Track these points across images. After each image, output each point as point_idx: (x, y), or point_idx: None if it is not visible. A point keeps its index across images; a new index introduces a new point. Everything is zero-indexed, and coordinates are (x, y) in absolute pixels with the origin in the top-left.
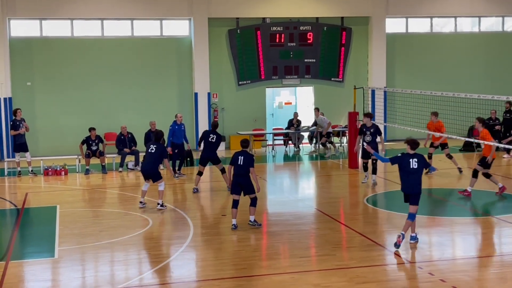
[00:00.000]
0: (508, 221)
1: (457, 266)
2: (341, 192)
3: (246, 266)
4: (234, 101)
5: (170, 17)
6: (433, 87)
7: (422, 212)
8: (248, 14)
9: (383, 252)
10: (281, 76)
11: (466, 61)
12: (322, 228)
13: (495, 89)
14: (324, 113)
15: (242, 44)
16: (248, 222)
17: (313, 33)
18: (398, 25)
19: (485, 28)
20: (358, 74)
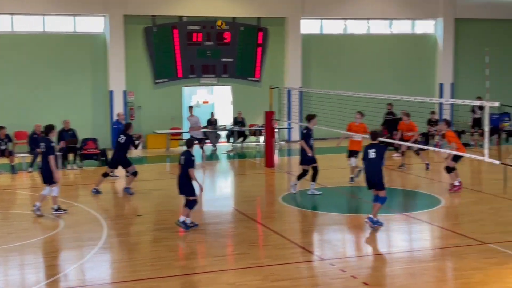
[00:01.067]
0: (417, 217)
1: (369, 263)
2: (257, 191)
3: (161, 266)
4: (150, 99)
5: (84, 13)
6: (347, 87)
7: (334, 210)
8: (164, 12)
9: (297, 250)
10: (198, 75)
11: (378, 62)
12: (239, 227)
13: (406, 90)
14: (242, 112)
15: (158, 42)
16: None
17: (230, 32)
18: (313, 26)
19: (396, 30)
20: (275, 74)
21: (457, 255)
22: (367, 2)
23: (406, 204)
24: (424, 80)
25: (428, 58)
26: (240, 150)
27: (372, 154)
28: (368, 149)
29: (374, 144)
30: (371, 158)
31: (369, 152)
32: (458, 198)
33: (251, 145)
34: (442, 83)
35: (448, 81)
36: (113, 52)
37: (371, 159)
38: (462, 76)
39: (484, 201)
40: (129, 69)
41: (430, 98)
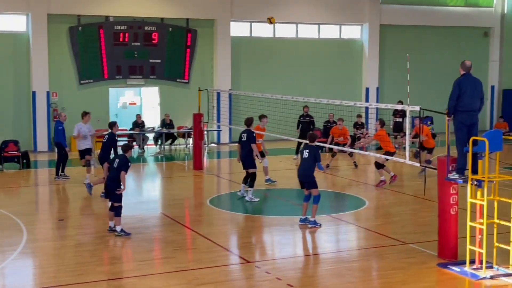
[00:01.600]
0: (343, 219)
1: (294, 264)
2: (185, 194)
3: (84, 272)
4: (75, 100)
5: (5, 11)
6: (276, 90)
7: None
8: (90, 12)
9: (224, 253)
10: (125, 76)
11: (307, 66)
12: (165, 231)
13: (333, 93)
14: (170, 114)
15: (84, 42)
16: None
17: (158, 33)
18: (242, 29)
19: (324, 35)
20: (204, 76)
21: (380, 255)
22: (296, 7)
23: (332, 206)
24: (351, 84)
25: (355, 62)
26: (169, 152)
27: (305, 154)
28: (303, 150)
29: (308, 145)
30: (304, 158)
31: (304, 152)
32: (381, 200)
33: (179, 148)
34: (368, 87)
35: (373, 86)
36: (36, 52)
37: (304, 159)
38: (387, 81)
39: (405, 203)
40: (52, 70)
41: (355, 102)
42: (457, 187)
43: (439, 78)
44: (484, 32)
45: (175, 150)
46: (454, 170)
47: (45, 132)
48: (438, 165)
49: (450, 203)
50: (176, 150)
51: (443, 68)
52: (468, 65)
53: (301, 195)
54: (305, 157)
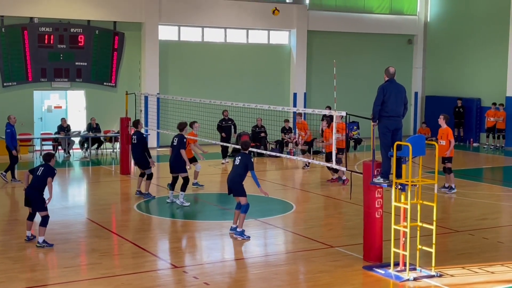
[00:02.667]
0: (271, 223)
1: (222, 269)
2: (112, 199)
3: (6, 279)
4: None
5: None
6: (205, 95)
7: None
8: (14, 13)
9: (151, 258)
10: (50, 79)
11: (236, 70)
12: (90, 236)
13: (262, 98)
14: (97, 118)
15: (7, 43)
16: (31, 238)
17: (84, 35)
18: (171, 33)
19: (252, 40)
20: (131, 79)
21: (307, 258)
22: (224, 11)
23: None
24: (279, 89)
25: (283, 68)
26: (95, 157)
27: (237, 161)
28: (236, 157)
29: (241, 153)
30: (235, 164)
31: (236, 159)
32: (308, 204)
33: (106, 152)
34: (295, 92)
35: (301, 91)
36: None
37: (235, 166)
38: (315, 86)
39: (332, 206)
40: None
41: (283, 107)
42: (382, 191)
43: (365, 84)
44: (408, 39)
45: (102, 154)
46: (379, 175)
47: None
48: (364, 169)
49: (375, 207)
50: (102, 155)
51: (369, 74)
52: (392, 72)
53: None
54: (236, 164)
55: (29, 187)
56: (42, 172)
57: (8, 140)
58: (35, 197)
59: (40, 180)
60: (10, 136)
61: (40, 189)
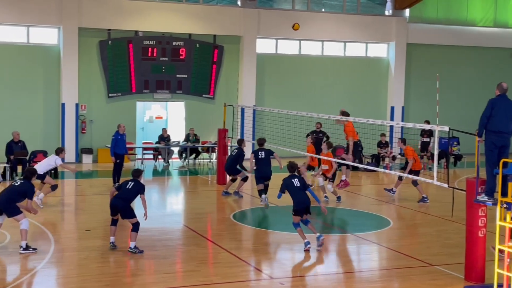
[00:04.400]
0: (366, 238)
1: (316, 282)
2: (208, 208)
3: (109, 282)
4: (103, 113)
5: (38, 24)
6: (301, 107)
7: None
8: (120, 26)
9: (247, 268)
10: (152, 90)
11: (332, 83)
12: (188, 244)
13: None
14: (195, 129)
15: (113, 56)
16: (114, 245)
17: (185, 49)
18: (268, 46)
19: (350, 53)
20: (229, 91)
21: (404, 276)
22: (322, 24)
23: (356, 225)
24: (375, 103)
25: (380, 81)
26: (193, 166)
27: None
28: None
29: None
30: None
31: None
32: (406, 220)
33: (203, 162)
34: (393, 106)
35: (399, 104)
36: (67, 65)
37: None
38: (413, 100)
39: (431, 224)
40: (82, 82)
41: (382, 121)
42: (486, 209)
43: (465, 98)
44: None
45: (199, 164)
46: (483, 192)
47: (73, 143)
48: (467, 186)
49: (479, 225)
50: (200, 165)
51: (470, 88)
52: (505, 87)
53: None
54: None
55: (117, 198)
56: (133, 186)
57: (111, 147)
58: (124, 207)
59: (130, 193)
60: (113, 144)
61: (129, 200)
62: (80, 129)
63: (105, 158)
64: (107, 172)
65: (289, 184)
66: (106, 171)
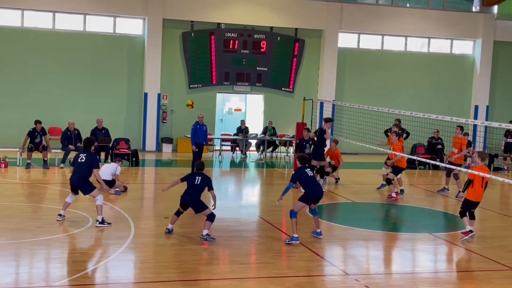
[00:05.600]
0: (444, 238)
1: (392, 281)
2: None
3: (185, 270)
4: (184, 104)
5: (124, 14)
6: (380, 103)
7: (361, 225)
8: (202, 18)
9: (322, 263)
10: (232, 82)
11: (414, 80)
12: (264, 236)
13: (440, 109)
14: (273, 122)
15: (195, 47)
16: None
17: (266, 41)
18: (350, 40)
19: (434, 49)
20: (308, 85)
21: (484, 279)
22: (406, 19)
23: (434, 224)
24: (459, 101)
25: (465, 79)
26: (270, 159)
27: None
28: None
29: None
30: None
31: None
32: (487, 222)
33: (280, 155)
34: (477, 105)
35: (483, 103)
36: (150, 55)
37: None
38: (499, 99)
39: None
40: (164, 73)
41: (466, 119)
42: None
43: None
44: None
45: (276, 157)
46: None
47: (154, 132)
48: None
49: None
50: (277, 158)
51: None
52: None
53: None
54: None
55: (186, 195)
56: (201, 182)
57: (191, 137)
58: (195, 201)
59: (199, 189)
60: (193, 133)
61: (198, 195)
62: (161, 118)
63: (184, 147)
64: (186, 162)
65: (302, 175)
66: (185, 161)
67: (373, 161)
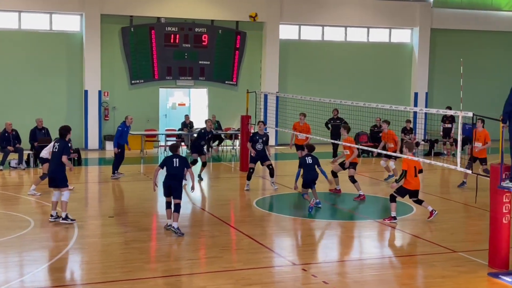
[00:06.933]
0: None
1: (340, 268)
2: (231, 195)
3: (132, 269)
4: (126, 100)
5: (60, 11)
6: (323, 93)
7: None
8: (142, 13)
9: (270, 255)
10: (175, 77)
11: (355, 69)
12: (211, 231)
13: (381, 97)
14: (218, 116)
15: (135, 42)
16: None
17: (208, 35)
18: (291, 32)
19: (373, 38)
20: (252, 78)
21: (427, 262)
22: (345, 10)
23: (379, 211)
24: (399, 89)
25: (404, 67)
26: (216, 153)
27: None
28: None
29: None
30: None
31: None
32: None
33: (226, 149)
34: (416, 92)
35: (422, 90)
36: (89, 52)
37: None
38: (437, 86)
39: (455, 210)
40: (104, 69)
41: (405, 107)
42: (510, 196)
43: (490, 84)
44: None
45: (222, 151)
46: (508, 178)
47: (96, 131)
48: (491, 172)
49: (503, 212)
50: (223, 151)
51: (495, 74)
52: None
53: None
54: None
55: (171, 179)
56: (179, 163)
57: (115, 137)
58: (178, 184)
59: (180, 171)
60: (118, 135)
61: (181, 178)
62: (103, 116)
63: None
64: (131, 159)
65: (303, 162)
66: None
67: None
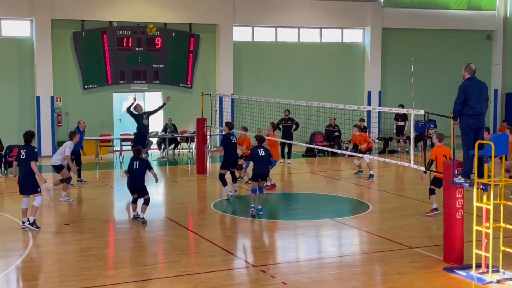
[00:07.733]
0: (346, 223)
1: (298, 268)
2: (189, 198)
3: (89, 276)
4: (79, 105)
5: (9, 16)
6: (278, 94)
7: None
8: (93, 17)
9: (228, 257)
10: (129, 81)
11: (309, 70)
12: (169, 235)
13: (336, 97)
14: (173, 119)
15: (87, 47)
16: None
17: (161, 38)
18: (244, 34)
19: (325, 39)
20: (207, 80)
21: (384, 259)
22: (298, 11)
23: (336, 210)
24: (353, 88)
25: (357, 66)
26: (172, 157)
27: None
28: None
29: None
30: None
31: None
32: (385, 204)
33: (182, 152)
34: (370, 91)
35: (376, 89)
36: (40, 57)
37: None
38: (390, 85)
39: (410, 207)
40: (57, 75)
41: (358, 106)
42: (463, 191)
43: (442, 81)
44: (487, 35)
45: (179, 154)
46: (460, 174)
47: (49, 137)
48: (444, 169)
49: (456, 207)
50: (179, 155)
51: (446, 71)
52: (474, 69)
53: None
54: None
55: (132, 181)
56: (139, 165)
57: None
58: (141, 185)
59: (140, 172)
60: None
61: (142, 179)
62: (56, 122)
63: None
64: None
65: (254, 154)
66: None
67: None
